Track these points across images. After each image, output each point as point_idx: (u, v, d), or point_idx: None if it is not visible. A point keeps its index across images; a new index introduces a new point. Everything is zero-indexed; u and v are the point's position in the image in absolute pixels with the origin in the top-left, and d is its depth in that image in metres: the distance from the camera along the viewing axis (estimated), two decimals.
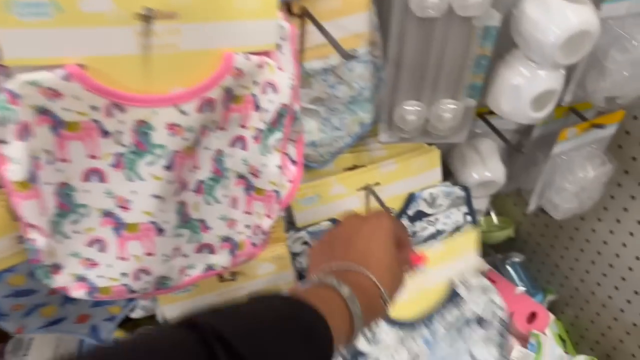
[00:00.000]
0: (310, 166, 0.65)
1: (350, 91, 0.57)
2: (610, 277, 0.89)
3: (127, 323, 0.79)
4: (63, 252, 0.41)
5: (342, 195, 0.64)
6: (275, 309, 0.34)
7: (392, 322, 0.66)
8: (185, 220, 0.46)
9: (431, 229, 0.70)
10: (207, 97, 0.40)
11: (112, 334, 0.62)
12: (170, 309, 0.57)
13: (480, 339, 0.73)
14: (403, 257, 0.47)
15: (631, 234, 0.82)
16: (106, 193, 0.40)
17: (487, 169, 0.70)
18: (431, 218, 0.69)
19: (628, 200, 0.80)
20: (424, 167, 0.66)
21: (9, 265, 0.48)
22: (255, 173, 0.47)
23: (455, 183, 0.71)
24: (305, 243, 0.64)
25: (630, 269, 0.84)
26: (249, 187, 0.48)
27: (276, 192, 0.48)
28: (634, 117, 0.75)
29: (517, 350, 0.85)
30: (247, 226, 0.50)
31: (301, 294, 0.37)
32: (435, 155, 0.66)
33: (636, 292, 0.85)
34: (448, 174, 0.75)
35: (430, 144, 0.68)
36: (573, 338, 1.00)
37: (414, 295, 0.66)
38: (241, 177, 0.47)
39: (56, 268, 0.41)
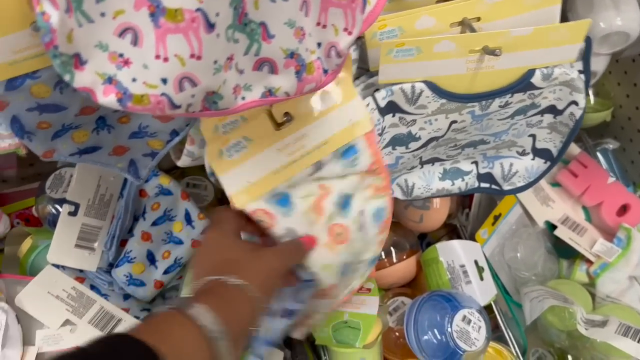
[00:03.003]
0: None
1: None
2: None
3: (174, 170, 0.73)
4: (86, 39, 0.31)
5: (430, 30, 0.51)
6: None
7: (440, 92, 0.52)
8: (242, 21, 0.35)
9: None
10: None
11: (150, 172, 0.55)
12: (228, 180, 0.47)
13: (547, 125, 0.60)
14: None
15: None
16: None
17: (620, 15, 0.55)
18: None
19: None
20: (538, 1, 0.51)
21: (31, 68, 0.40)
22: None
23: None
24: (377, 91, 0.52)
25: None
26: None
27: None
28: None
29: (600, 243, 0.76)
30: (319, 44, 0.39)
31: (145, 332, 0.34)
32: None
33: None
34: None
35: None
36: None
37: (479, 75, 0.52)
38: None
39: (79, 61, 0.31)
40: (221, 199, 0.75)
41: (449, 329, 0.64)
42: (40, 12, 0.29)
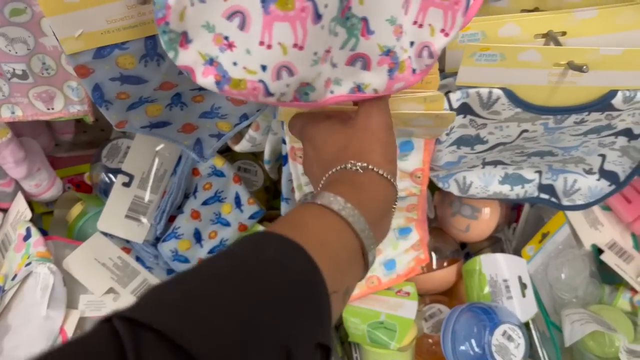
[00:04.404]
0: None
1: None
2: None
3: (225, 154, 0.73)
4: (195, 19, 0.31)
5: (513, 39, 0.50)
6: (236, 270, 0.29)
7: (517, 100, 0.51)
8: (345, 14, 0.34)
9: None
10: None
11: (214, 153, 0.55)
12: None
13: (619, 147, 0.59)
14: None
15: None
16: None
17: None
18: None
19: None
20: (631, 23, 0.50)
21: (121, 39, 0.40)
22: None
23: None
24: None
25: None
26: None
27: None
28: None
29: None
30: (412, 43, 0.38)
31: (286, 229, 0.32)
32: None
33: None
34: None
35: None
36: None
37: (559, 89, 0.51)
38: None
39: (185, 39, 0.31)
40: (269, 186, 0.75)
41: (489, 343, 0.63)
42: None
